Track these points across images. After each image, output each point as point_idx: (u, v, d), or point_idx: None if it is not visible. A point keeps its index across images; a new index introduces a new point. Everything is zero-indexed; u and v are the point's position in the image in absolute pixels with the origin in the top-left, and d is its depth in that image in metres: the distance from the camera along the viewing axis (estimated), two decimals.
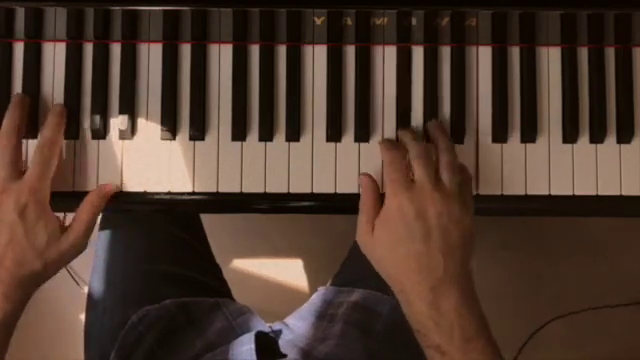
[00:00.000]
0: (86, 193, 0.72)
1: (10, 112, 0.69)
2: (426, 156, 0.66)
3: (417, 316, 0.63)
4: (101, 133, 0.73)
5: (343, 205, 0.73)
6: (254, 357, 0.75)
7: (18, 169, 0.67)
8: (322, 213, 0.75)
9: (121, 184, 0.73)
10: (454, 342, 0.61)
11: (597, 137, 0.73)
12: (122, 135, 0.73)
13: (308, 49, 0.74)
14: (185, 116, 0.73)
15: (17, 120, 0.69)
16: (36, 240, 0.66)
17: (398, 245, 0.64)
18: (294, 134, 0.73)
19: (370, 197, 0.68)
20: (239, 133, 0.73)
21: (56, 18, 0.74)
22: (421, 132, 0.73)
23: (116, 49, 0.74)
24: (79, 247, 0.70)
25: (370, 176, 0.71)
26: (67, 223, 0.70)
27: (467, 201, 0.66)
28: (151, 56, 0.74)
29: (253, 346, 0.76)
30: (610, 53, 0.74)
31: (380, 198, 0.68)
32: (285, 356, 0.81)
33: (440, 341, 0.62)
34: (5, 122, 0.69)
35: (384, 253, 0.66)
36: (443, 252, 0.63)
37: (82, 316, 0.95)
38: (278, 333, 0.88)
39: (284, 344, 0.86)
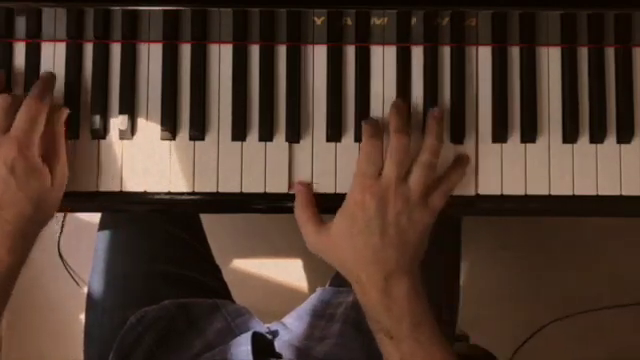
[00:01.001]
0: (86, 193, 0.72)
1: None
2: (401, 154, 0.67)
3: (371, 303, 0.67)
4: (101, 133, 0.73)
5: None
6: (250, 358, 0.76)
7: (5, 124, 0.67)
8: (322, 213, 0.75)
9: (121, 184, 0.72)
10: (403, 326, 0.65)
11: (597, 137, 0.73)
12: (122, 135, 0.73)
13: (308, 49, 0.74)
14: (185, 116, 0.73)
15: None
16: (30, 192, 0.67)
17: (357, 236, 0.67)
18: (294, 134, 0.73)
19: (309, 204, 0.71)
20: (239, 133, 0.73)
21: (56, 18, 0.74)
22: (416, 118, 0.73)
23: (116, 49, 0.74)
24: (65, 181, 0.70)
25: (302, 185, 0.72)
26: (66, 223, 0.70)
27: (431, 203, 0.68)
28: (151, 56, 0.74)
29: (249, 347, 0.76)
30: (610, 53, 0.74)
31: (313, 199, 0.71)
32: (281, 357, 0.81)
33: (390, 326, 0.66)
34: None
35: (342, 246, 0.68)
36: (397, 247, 0.66)
37: (82, 316, 0.95)
38: (275, 333, 0.88)
39: (282, 344, 0.86)
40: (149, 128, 0.73)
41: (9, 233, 0.66)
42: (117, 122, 0.73)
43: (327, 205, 0.73)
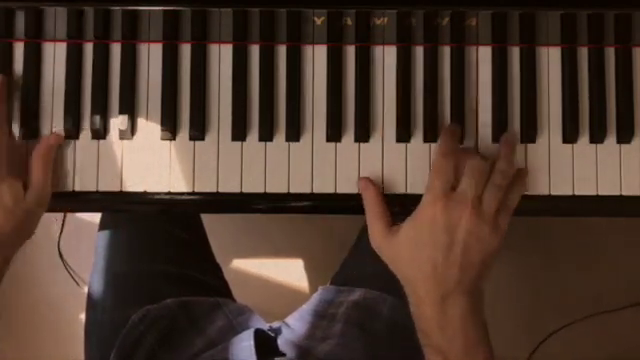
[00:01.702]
0: (86, 193, 0.72)
1: None
2: (479, 173, 0.66)
3: (424, 318, 0.66)
4: (101, 133, 0.73)
5: (343, 205, 0.73)
6: (253, 354, 0.76)
7: None
8: (322, 213, 0.75)
9: (121, 184, 0.73)
10: (454, 347, 0.64)
11: (597, 137, 0.73)
12: (122, 135, 0.73)
13: (308, 49, 0.74)
14: (185, 116, 0.73)
15: None
16: (1, 203, 0.67)
17: (420, 249, 0.66)
18: (294, 134, 0.73)
19: (376, 201, 0.70)
20: (239, 133, 0.73)
21: (56, 18, 0.74)
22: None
23: (116, 49, 0.74)
24: (43, 201, 0.70)
25: (367, 179, 0.71)
26: (66, 224, 0.70)
27: (500, 225, 0.67)
28: (151, 56, 0.74)
29: (252, 343, 0.76)
30: (610, 53, 0.74)
31: (383, 197, 0.70)
32: (284, 355, 0.81)
33: (442, 343, 0.64)
34: None
35: (405, 256, 0.67)
36: (460, 267, 0.65)
37: (82, 316, 0.95)
38: (277, 331, 0.88)
39: (284, 343, 0.86)
40: (149, 128, 0.73)
41: None
42: (117, 122, 0.73)
43: (327, 205, 0.73)
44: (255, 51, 0.74)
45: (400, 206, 0.71)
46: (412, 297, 0.67)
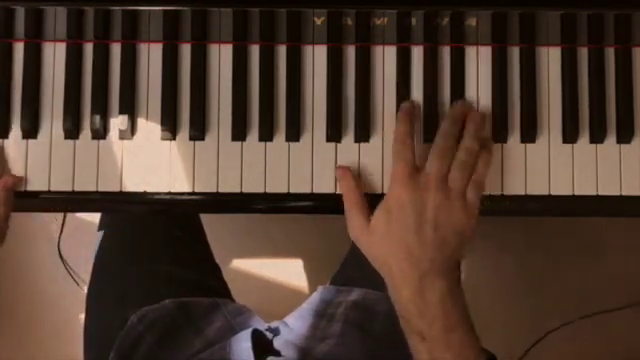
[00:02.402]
0: (86, 193, 0.72)
1: None
2: (442, 151, 0.67)
3: (403, 301, 0.65)
4: (101, 133, 0.73)
5: (343, 205, 0.73)
6: (251, 355, 0.76)
7: None
8: (322, 213, 0.75)
9: (121, 184, 0.73)
10: (435, 329, 0.64)
11: (597, 137, 0.73)
12: (122, 135, 0.73)
13: (308, 49, 0.74)
14: (185, 116, 0.73)
15: None
16: None
17: (392, 234, 0.66)
18: (294, 134, 0.73)
19: (353, 190, 0.69)
20: (239, 133, 0.73)
21: (56, 18, 0.74)
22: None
23: (116, 49, 0.74)
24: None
25: (345, 168, 0.71)
26: (66, 224, 0.70)
27: (471, 202, 0.67)
28: (151, 56, 0.74)
29: (250, 344, 0.76)
30: (610, 53, 0.74)
31: (361, 186, 0.70)
32: (281, 355, 0.81)
33: (422, 327, 0.64)
34: None
35: (379, 242, 0.67)
36: (434, 245, 0.65)
37: (82, 316, 0.95)
38: (276, 331, 0.88)
39: (283, 343, 0.86)
40: (149, 128, 0.73)
41: None
42: (117, 122, 0.73)
43: (327, 205, 0.73)
44: (255, 51, 0.74)
45: None
46: (389, 282, 0.67)
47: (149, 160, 0.73)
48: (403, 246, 0.65)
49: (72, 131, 0.72)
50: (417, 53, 0.74)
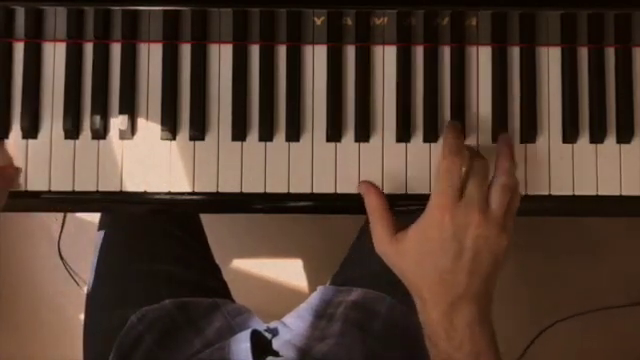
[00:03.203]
0: (86, 193, 0.72)
1: None
2: (484, 175, 0.65)
3: (431, 324, 0.64)
4: (101, 133, 0.73)
5: (343, 205, 0.73)
6: (249, 355, 0.76)
7: None
8: (322, 213, 0.75)
9: (121, 184, 0.73)
10: (462, 354, 0.63)
11: (597, 137, 0.73)
12: (122, 135, 0.73)
13: (308, 49, 0.74)
14: (185, 116, 0.73)
15: None
16: None
17: (427, 256, 0.64)
18: (294, 134, 0.73)
19: (378, 204, 0.68)
20: (239, 133, 0.73)
21: (56, 18, 0.74)
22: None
23: (116, 49, 0.74)
24: None
25: (368, 183, 0.70)
26: (66, 224, 0.70)
27: (508, 226, 0.65)
28: (151, 56, 0.74)
29: (249, 344, 0.76)
30: (610, 53, 0.74)
31: (386, 201, 0.68)
32: (280, 355, 0.81)
33: (450, 351, 0.63)
34: None
35: (412, 262, 0.65)
36: (470, 273, 0.63)
37: (82, 316, 0.95)
38: (275, 332, 0.88)
39: (282, 343, 0.86)
40: (149, 128, 0.73)
41: None
42: (117, 122, 0.73)
43: (327, 205, 0.73)
44: (255, 51, 0.74)
45: (399, 206, 0.71)
46: (419, 303, 0.66)
47: (149, 160, 0.73)
48: (438, 271, 0.64)
49: (72, 131, 0.72)
50: (417, 53, 0.74)
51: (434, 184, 0.66)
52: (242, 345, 0.77)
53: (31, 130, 0.73)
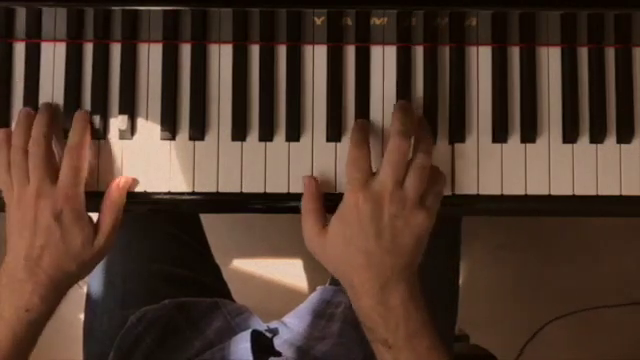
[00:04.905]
0: (86, 193, 0.72)
1: (37, 119, 0.69)
2: (400, 157, 0.65)
3: (365, 310, 0.65)
4: (101, 133, 0.73)
5: None
6: (250, 355, 0.76)
7: (52, 173, 0.68)
8: None
9: None
10: (400, 336, 0.63)
11: (597, 137, 0.73)
12: (122, 135, 0.73)
13: (308, 49, 0.74)
14: (185, 116, 0.73)
15: (44, 127, 0.69)
16: (71, 244, 0.67)
17: (350, 242, 0.65)
18: (294, 134, 0.73)
19: (312, 198, 0.69)
20: (239, 133, 0.73)
21: (56, 18, 0.73)
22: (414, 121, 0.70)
23: (116, 49, 0.74)
24: (108, 248, 0.71)
25: (311, 177, 0.71)
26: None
27: (427, 205, 0.66)
28: (151, 56, 0.74)
29: (249, 345, 0.76)
30: (610, 53, 0.74)
31: (323, 197, 0.69)
32: (281, 354, 0.81)
33: (387, 335, 0.64)
34: (34, 129, 0.69)
35: (336, 249, 0.66)
36: (393, 252, 0.64)
37: (81, 316, 0.95)
38: (275, 331, 0.88)
39: (282, 343, 0.86)
40: (149, 128, 0.73)
41: (43, 282, 0.67)
42: (117, 122, 0.72)
43: (327, 205, 0.73)
44: (255, 51, 0.74)
45: None
46: (350, 291, 0.66)
47: (149, 160, 0.73)
48: (362, 255, 0.65)
49: None
50: (417, 53, 0.74)
51: (346, 171, 0.67)
52: (242, 345, 0.77)
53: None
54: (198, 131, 0.72)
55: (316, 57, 0.74)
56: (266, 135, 0.73)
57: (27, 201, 0.67)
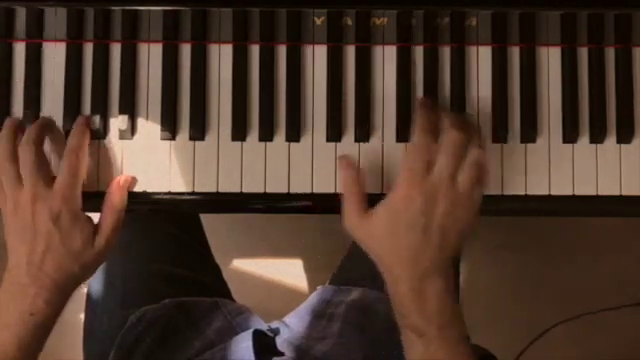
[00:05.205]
0: (87, 193, 0.72)
1: (29, 128, 0.69)
2: (457, 152, 0.65)
3: (401, 297, 0.65)
4: (101, 133, 0.73)
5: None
6: (252, 355, 0.76)
7: (46, 177, 0.68)
8: (322, 213, 0.75)
9: None
10: (433, 325, 0.64)
11: (597, 137, 0.73)
12: (122, 135, 0.73)
13: (308, 49, 0.74)
14: (185, 116, 0.73)
15: (33, 133, 0.69)
16: (72, 246, 0.67)
17: (397, 232, 0.65)
18: (294, 134, 0.73)
19: (354, 180, 0.68)
20: (239, 133, 0.73)
21: (56, 18, 0.74)
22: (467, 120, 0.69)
23: (116, 49, 0.74)
24: (110, 248, 0.71)
25: (348, 158, 0.70)
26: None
27: (476, 201, 0.66)
28: (151, 56, 0.74)
29: (250, 344, 0.76)
30: (610, 53, 0.74)
31: (362, 178, 0.69)
32: (283, 354, 0.81)
33: (420, 324, 0.64)
34: (24, 136, 0.69)
35: (381, 237, 0.66)
36: (438, 247, 0.65)
37: (81, 316, 0.95)
38: (276, 331, 0.88)
39: (282, 343, 0.86)
40: (149, 128, 0.73)
41: (47, 286, 0.67)
42: (117, 122, 0.73)
43: (327, 205, 0.73)
44: (255, 51, 0.74)
45: None
46: (388, 276, 0.66)
47: (149, 160, 0.73)
48: (407, 246, 0.65)
49: None
50: (417, 53, 0.74)
51: (403, 160, 0.66)
52: (244, 344, 0.77)
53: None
54: (198, 131, 0.73)
55: (316, 57, 0.74)
56: (266, 135, 0.73)
57: (24, 206, 0.67)
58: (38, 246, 0.66)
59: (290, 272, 1.60)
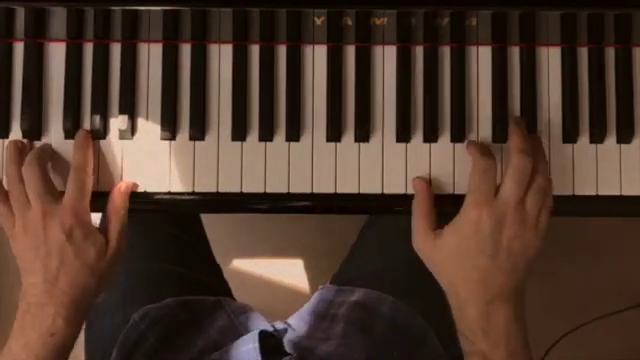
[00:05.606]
0: None
1: (31, 152, 0.70)
2: (524, 175, 0.65)
3: (468, 322, 0.65)
4: (101, 133, 0.73)
5: (343, 205, 0.73)
6: (258, 356, 0.75)
7: (54, 193, 0.68)
8: (322, 213, 0.75)
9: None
10: (499, 353, 0.64)
11: (597, 137, 0.73)
12: (122, 135, 0.73)
13: (308, 49, 0.74)
14: (185, 116, 0.73)
15: (36, 154, 0.69)
16: (87, 259, 0.67)
17: (465, 255, 0.65)
18: (294, 134, 0.73)
19: (426, 202, 0.69)
20: (239, 133, 0.73)
21: (56, 18, 0.74)
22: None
23: (116, 49, 0.74)
24: (121, 253, 0.71)
25: (424, 180, 0.71)
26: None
27: (542, 227, 0.66)
28: (151, 56, 0.74)
29: (257, 345, 0.76)
30: (610, 53, 0.74)
31: (433, 199, 0.69)
32: (289, 355, 0.81)
33: (486, 349, 0.64)
34: (27, 157, 0.69)
35: (448, 260, 0.66)
36: (506, 272, 0.65)
37: None
38: (282, 332, 0.88)
39: (287, 344, 0.85)
40: (149, 128, 0.73)
41: (64, 303, 0.67)
42: (117, 122, 0.73)
43: (327, 205, 0.73)
44: (255, 51, 0.74)
45: (397, 206, 0.72)
46: (454, 300, 0.67)
47: (149, 160, 0.73)
48: (475, 270, 0.65)
49: (72, 131, 0.72)
50: (417, 53, 0.74)
51: (470, 182, 0.66)
52: (249, 346, 0.77)
53: (31, 131, 0.73)
54: (198, 131, 0.73)
55: (316, 57, 0.74)
56: (266, 135, 0.73)
57: (34, 224, 0.67)
58: (52, 262, 0.66)
59: (290, 272, 1.60)
